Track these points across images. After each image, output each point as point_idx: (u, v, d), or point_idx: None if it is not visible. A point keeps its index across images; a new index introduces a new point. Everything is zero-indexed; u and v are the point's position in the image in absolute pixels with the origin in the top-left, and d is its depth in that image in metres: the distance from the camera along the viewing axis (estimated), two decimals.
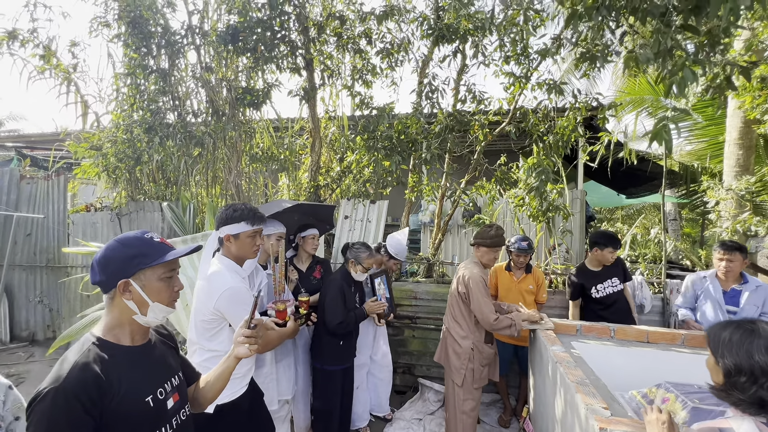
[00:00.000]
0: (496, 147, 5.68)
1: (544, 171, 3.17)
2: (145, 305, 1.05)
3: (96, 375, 0.92)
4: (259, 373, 2.17)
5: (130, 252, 1.03)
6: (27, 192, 5.56)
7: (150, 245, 1.06)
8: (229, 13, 3.90)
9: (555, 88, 3.03)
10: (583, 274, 3.05)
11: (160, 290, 1.07)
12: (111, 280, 1.02)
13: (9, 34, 4.06)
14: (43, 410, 0.86)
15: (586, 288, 3.00)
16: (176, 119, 4.35)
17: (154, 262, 1.04)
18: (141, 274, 1.04)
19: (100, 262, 1.02)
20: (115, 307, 1.04)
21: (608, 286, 2.96)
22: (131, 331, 1.06)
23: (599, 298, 2.96)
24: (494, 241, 2.57)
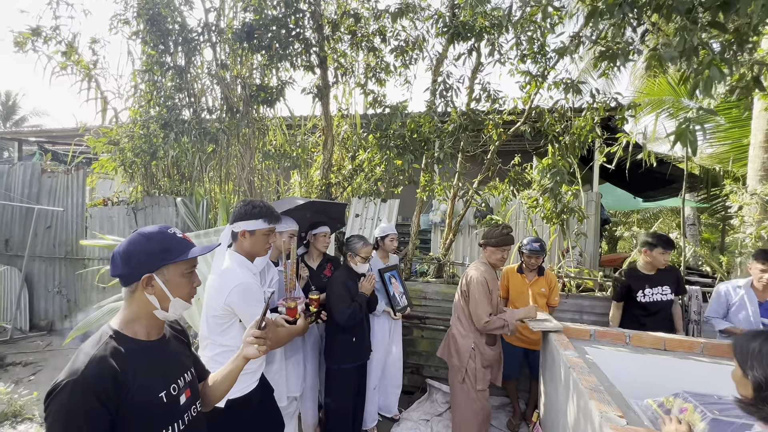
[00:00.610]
0: (510, 147, 5.60)
1: (559, 172, 3.10)
2: (166, 300, 1.05)
3: (112, 369, 0.93)
4: (268, 369, 2.18)
5: (155, 247, 1.03)
6: (48, 186, 5.72)
7: (174, 241, 1.06)
8: (245, 10, 3.93)
9: (573, 87, 2.96)
10: (633, 275, 2.88)
11: (182, 286, 1.07)
12: (134, 273, 1.02)
13: (33, 31, 4.16)
14: (61, 402, 0.87)
15: (633, 290, 2.84)
16: (191, 116, 4.41)
17: (178, 258, 1.04)
18: (164, 269, 1.04)
19: (123, 255, 1.02)
20: (135, 300, 1.04)
21: (657, 292, 2.79)
22: (148, 325, 1.07)
23: (644, 302, 2.80)
24: (500, 240, 2.53)
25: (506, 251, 2.57)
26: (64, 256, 5.45)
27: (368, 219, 4.65)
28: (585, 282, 3.82)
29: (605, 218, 6.58)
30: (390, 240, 3.11)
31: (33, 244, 5.54)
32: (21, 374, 4.17)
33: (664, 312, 2.82)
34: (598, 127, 3.25)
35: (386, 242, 3.12)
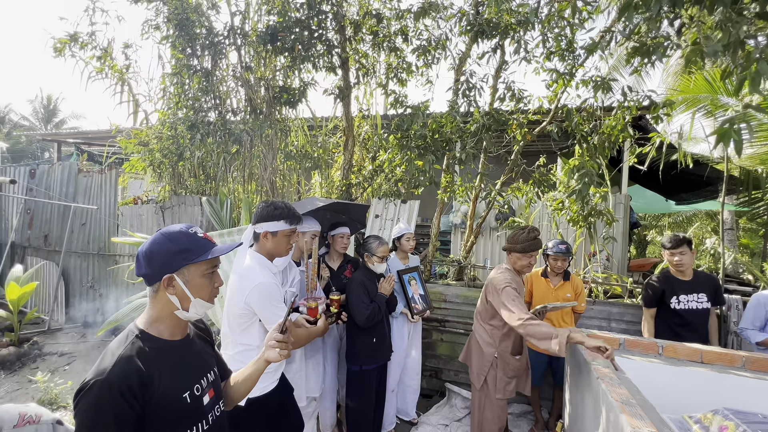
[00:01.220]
0: (534, 147, 5.45)
1: (587, 173, 2.97)
2: (187, 300, 1.05)
3: (138, 369, 0.94)
4: (288, 368, 2.20)
5: (176, 247, 1.03)
6: (83, 185, 6.01)
7: (195, 241, 1.06)
8: (269, 13, 4.00)
9: (603, 85, 2.83)
10: (667, 280, 2.70)
11: (202, 286, 1.07)
12: (156, 273, 1.02)
13: (71, 37, 4.38)
14: (90, 401, 0.89)
15: (666, 296, 2.67)
16: (217, 117, 4.52)
17: (198, 259, 1.04)
18: (185, 269, 1.04)
19: (146, 255, 1.03)
20: (158, 300, 1.05)
21: (693, 300, 2.62)
22: (172, 325, 1.07)
23: (679, 310, 2.62)
24: (527, 245, 2.35)
25: (533, 257, 2.40)
26: (97, 252, 5.71)
27: (388, 220, 4.64)
28: (613, 288, 3.67)
29: (634, 221, 6.30)
30: (406, 240, 3.08)
31: (69, 240, 5.83)
32: (57, 364, 4.39)
33: (700, 321, 2.63)
34: (629, 127, 3.10)
35: (402, 242, 3.09)
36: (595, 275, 3.84)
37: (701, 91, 5.82)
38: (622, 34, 2.32)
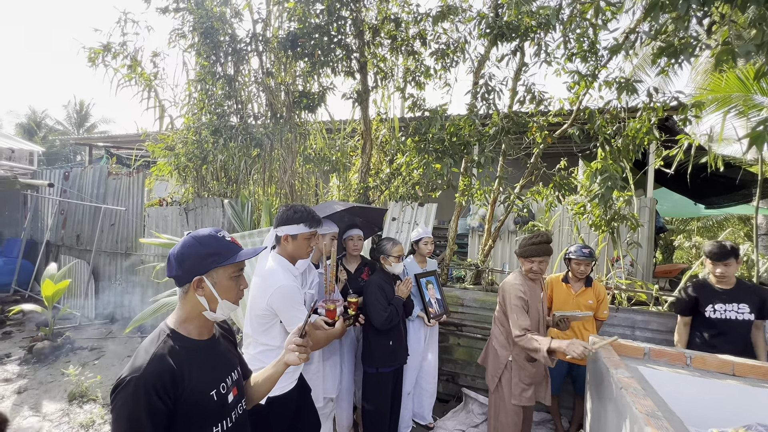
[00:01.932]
0: (555, 149, 5.34)
1: (610, 177, 2.90)
2: (214, 302, 1.09)
3: (171, 367, 0.98)
4: (306, 369, 2.23)
5: (206, 250, 1.08)
6: (113, 187, 6.28)
7: (223, 244, 1.10)
8: (290, 20, 4.08)
9: (627, 86, 2.76)
10: (702, 288, 2.57)
11: (229, 288, 1.11)
12: (186, 275, 1.07)
13: (104, 47, 4.60)
14: (126, 397, 0.93)
15: (701, 304, 2.53)
16: (239, 122, 4.64)
17: (226, 262, 1.08)
18: (214, 272, 1.08)
19: (178, 257, 1.08)
20: (188, 301, 1.10)
21: (731, 309, 2.46)
22: (200, 325, 1.12)
23: (714, 319, 2.47)
24: (526, 250, 2.35)
25: (537, 263, 2.35)
26: (124, 251, 5.95)
27: (405, 223, 4.64)
28: (637, 295, 3.55)
29: (660, 226, 6.08)
30: (424, 243, 3.08)
31: (99, 239, 6.10)
32: (87, 358, 4.59)
33: (738, 333, 2.45)
34: (655, 129, 3.01)
35: (420, 246, 3.09)
36: (619, 281, 3.73)
37: (733, 90, 5.57)
38: (648, 35, 2.26)
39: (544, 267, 2.39)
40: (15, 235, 7.51)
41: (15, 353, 4.65)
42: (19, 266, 6.80)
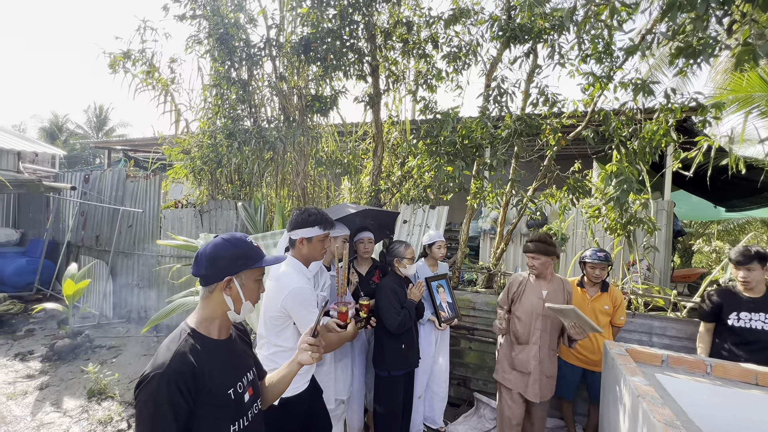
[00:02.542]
0: (569, 152, 5.27)
1: (626, 179, 2.84)
2: (239, 302, 1.13)
3: (192, 365, 1.01)
4: (318, 371, 2.25)
5: (238, 252, 1.12)
6: (130, 189, 6.44)
7: (252, 248, 1.16)
8: (303, 25, 4.14)
9: (643, 88, 2.70)
10: (727, 294, 2.49)
11: (253, 291, 1.16)
12: (217, 275, 1.11)
13: (124, 54, 4.75)
14: (150, 393, 0.97)
15: (724, 311, 2.46)
16: (252, 125, 4.72)
17: (255, 265, 1.13)
18: (242, 273, 1.13)
19: (210, 257, 1.11)
20: (213, 300, 1.13)
21: (758, 319, 2.37)
22: (221, 325, 1.15)
23: (737, 328, 2.39)
24: (524, 246, 2.67)
25: (529, 258, 2.60)
26: (141, 252, 6.09)
27: (416, 225, 4.64)
28: (655, 300, 3.47)
29: (678, 229, 5.93)
30: (437, 247, 3.08)
31: (117, 240, 6.26)
32: (105, 356, 4.71)
33: (763, 344, 2.35)
34: (673, 131, 2.94)
35: (433, 249, 3.09)
36: (635, 286, 3.65)
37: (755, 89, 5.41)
38: (665, 36, 2.21)
39: (539, 264, 2.56)
40: (38, 235, 7.76)
41: (37, 350, 4.80)
42: (41, 266, 7.03)
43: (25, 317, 5.76)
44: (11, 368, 4.34)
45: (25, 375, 4.18)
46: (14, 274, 6.84)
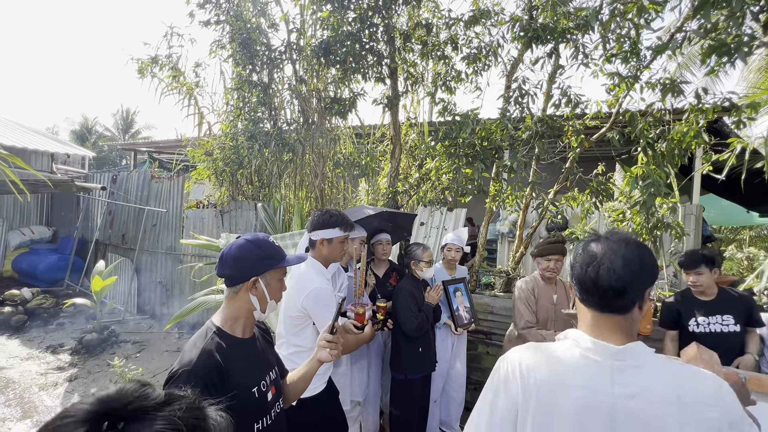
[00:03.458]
0: (592, 153, 5.14)
1: (653, 183, 2.75)
2: (264, 302, 1.16)
3: (218, 362, 1.04)
4: (335, 372, 2.26)
5: (263, 253, 1.15)
6: (155, 190, 6.65)
7: (275, 249, 1.19)
8: (323, 29, 4.19)
9: (672, 88, 2.61)
10: (684, 300, 2.50)
11: (277, 290, 1.19)
12: (243, 275, 1.13)
13: (152, 59, 4.92)
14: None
15: (683, 317, 2.46)
16: (272, 128, 4.80)
17: (279, 265, 1.16)
18: (267, 273, 1.16)
19: (234, 258, 1.13)
20: (238, 300, 1.15)
21: (716, 322, 2.38)
22: (245, 324, 1.17)
23: (698, 333, 2.39)
24: (542, 249, 2.54)
25: (553, 261, 2.51)
26: (165, 251, 6.28)
27: (433, 228, 4.61)
28: None
29: (708, 234, 5.69)
30: (447, 250, 3.06)
31: (142, 239, 6.48)
32: (130, 351, 4.88)
33: (726, 347, 2.32)
34: (704, 132, 2.83)
35: (444, 251, 3.07)
36: (662, 293, 3.51)
37: None
38: (697, 34, 2.13)
39: (560, 266, 2.53)
40: (68, 233, 8.11)
41: (67, 343, 5.01)
42: (71, 263, 7.34)
43: (56, 311, 6.03)
44: (43, 360, 4.54)
45: (56, 367, 4.36)
46: (46, 269, 7.18)
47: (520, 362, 0.90)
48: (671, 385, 0.79)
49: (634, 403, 0.80)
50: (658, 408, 0.79)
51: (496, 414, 0.87)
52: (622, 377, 0.82)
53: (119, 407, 0.46)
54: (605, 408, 0.81)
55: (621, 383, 0.82)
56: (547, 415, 0.84)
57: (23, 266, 7.40)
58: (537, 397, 0.85)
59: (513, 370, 0.89)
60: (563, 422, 0.83)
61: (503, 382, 0.90)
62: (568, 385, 0.84)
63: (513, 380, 0.88)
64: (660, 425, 0.78)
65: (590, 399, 0.82)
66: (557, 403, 0.84)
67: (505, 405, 0.87)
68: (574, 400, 0.83)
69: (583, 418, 0.82)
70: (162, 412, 0.46)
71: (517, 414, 0.86)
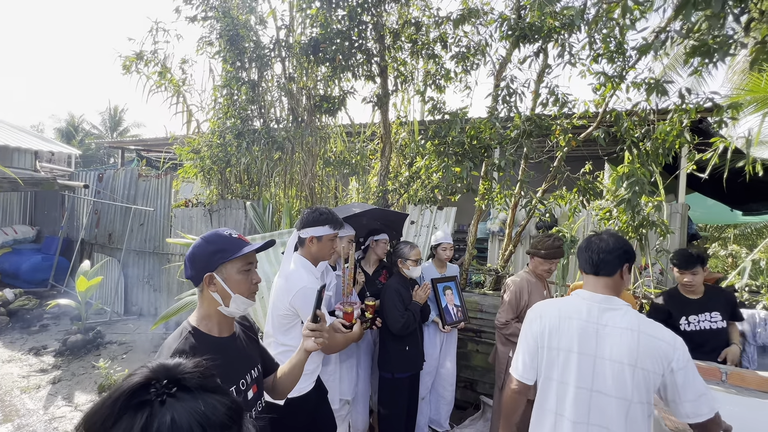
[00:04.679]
0: (579, 153, 5.20)
1: (638, 182, 2.79)
2: (227, 297, 1.14)
3: None
4: (324, 371, 2.25)
5: (212, 248, 1.13)
6: (142, 188, 6.55)
7: (228, 241, 1.15)
8: (312, 26, 4.16)
9: (657, 87, 2.65)
10: (673, 299, 2.54)
11: (240, 282, 1.15)
12: (199, 274, 1.13)
13: (137, 55, 4.83)
14: None
15: (674, 317, 2.48)
16: (261, 126, 4.75)
17: (232, 256, 1.13)
18: (222, 267, 1.13)
19: (190, 258, 1.14)
20: (205, 299, 1.15)
21: (704, 320, 2.43)
22: (219, 322, 1.16)
23: (689, 332, 2.42)
24: (551, 252, 2.50)
25: (554, 264, 2.55)
26: (152, 251, 6.19)
27: (424, 226, 4.62)
28: None
29: (693, 233, 5.79)
30: (442, 249, 3.06)
31: (129, 239, 6.37)
32: (116, 352, 4.80)
33: (715, 343, 2.39)
34: (687, 132, 2.87)
35: (438, 251, 3.07)
36: (647, 290, 3.57)
37: None
38: (679, 34, 2.16)
39: (555, 267, 2.62)
40: (53, 233, 7.94)
41: (51, 345, 4.91)
42: (56, 263, 7.19)
43: (39, 312, 5.90)
44: (26, 362, 4.44)
45: (39, 369, 4.27)
46: (30, 270, 7.02)
47: (540, 308, 1.47)
48: (634, 323, 1.30)
49: (609, 328, 1.31)
50: (623, 332, 1.29)
51: (528, 341, 1.44)
52: (603, 314, 1.34)
53: (176, 375, 0.52)
54: (592, 331, 1.33)
55: (603, 317, 1.33)
56: (558, 335, 1.37)
57: (6, 267, 7.22)
58: (550, 328, 1.39)
59: (534, 316, 1.46)
60: (568, 339, 1.35)
61: (528, 323, 1.47)
62: (571, 318, 1.37)
63: (535, 321, 1.45)
64: (623, 342, 1.28)
65: (583, 325, 1.34)
66: (562, 329, 1.37)
67: (530, 337, 1.44)
68: (574, 325, 1.35)
69: (580, 335, 1.34)
70: None
71: (537, 341, 1.41)
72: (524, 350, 1.44)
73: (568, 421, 1.32)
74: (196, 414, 0.47)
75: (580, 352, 1.31)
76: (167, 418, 0.46)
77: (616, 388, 1.26)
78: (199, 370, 0.55)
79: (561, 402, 1.34)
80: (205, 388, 0.52)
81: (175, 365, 0.54)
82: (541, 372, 1.39)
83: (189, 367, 0.54)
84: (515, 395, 1.43)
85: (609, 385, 1.27)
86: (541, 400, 1.41)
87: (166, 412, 0.47)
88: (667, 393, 1.29)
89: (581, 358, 1.31)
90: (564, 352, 1.34)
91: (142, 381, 0.50)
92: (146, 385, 0.50)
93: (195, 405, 0.49)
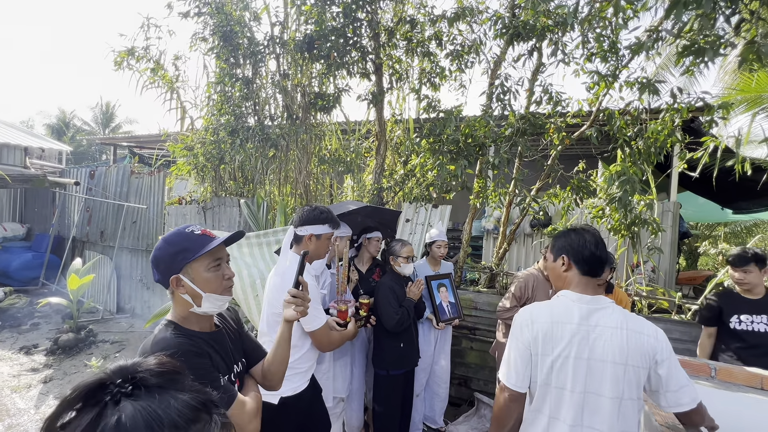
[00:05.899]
0: (573, 151, 5.24)
1: (629, 180, 2.82)
2: (198, 297, 1.08)
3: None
4: (318, 369, 2.24)
5: (173, 249, 1.07)
6: (135, 185, 6.48)
7: (190, 239, 1.08)
8: (307, 23, 4.13)
9: (649, 87, 2.67)
10: (728, 297, 2.46)
11: (209, 280, 1.09)
12: (164, 277, 1.07)
13: (129, 51, 4.77)
14: None
15: (725, 314, 2.41)
16: (255, 123, 4.72)
17: (195, 255, 1.06)
18: (188, 267, 1.07)
19: (153, 262, 1.09)
20: (176, 301, 1.10)
21: (760, 322, 2.32)
22: (197, 321, 1.12)
23: (739, 331, 2.33)
24: None
25: None
26: (145, 248, 6.13)
27: (418, 224, 4.62)
28: (659, 302, 3.44)
29: (684, 231, 5.87)
30: (437, 246, 3.07)
31: (122, 236, 6.31)
32: (108, 351, 4.75)
33: (766, 347, 2.29)
34: (678, 131, 2.91)
35: (433, 248, 3.08)
36: (639, 288, 3.62)
37: (764, 89, 5.33)
38: (670, 34, 2.18)
39: None
40: (44, 230, 7.84)
41: (42, 344, 4.86)
42: (47, 261, 7.10)
43: (30, 311, 5.83)
44: (16, 361, 4.39)
45: (30, 368, 4.22)
46: (20, 268, 6.92)
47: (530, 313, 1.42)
48: (621, 320, 1.32)
49: (600, 329, 1.32)
50: (613, 331, 1.31)
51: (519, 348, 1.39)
52: (592, 315, 1.34)
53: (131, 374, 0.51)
54: (584, 333, 1.33)
55: (592, 318, 1.34)
56: (551, 342, 1.35)
57: None
58: (543, 335, 1.36)
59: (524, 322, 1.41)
60: (562, 345, 1.33)
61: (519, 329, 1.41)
62: (563, 322, 1.35)
63: (525, 328, 1.39)
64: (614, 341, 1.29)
65: (575, 329, 1.33)
66: (555, 335, 1.35)
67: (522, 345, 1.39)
68: (567, 330, 1.34)
69: (573, 341, 1.33)
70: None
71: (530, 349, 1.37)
72: (516, 358, 1.41)
73: (563, 423, 1.33)
74: (146, 413, 0.47)
75: (576, 356, 1.32)
76: (113, 419, 0.46)
77: (610, 387, 1.28)
78: (162, 369, 0.53)
79: (556, 406, 1.35)
80: (164, 387, 0.51)
81: (133, 364, 0.53)
82: (536, 379, 1.38)
83: (148, 366, 0.53)
84: (509, 404, 1.39)
85: (602, 385, 1.29)
86: (536, 404, 1.40)
87: (114, 412, 0.46)
88: (651, 384, 1.32)
89: (576, 363, 1.31)
90: (560, 358, 1.33)
91: (98, 381, 0.50)
92: (103, 386, 0.49)
93: (149, 404, 0.48)
